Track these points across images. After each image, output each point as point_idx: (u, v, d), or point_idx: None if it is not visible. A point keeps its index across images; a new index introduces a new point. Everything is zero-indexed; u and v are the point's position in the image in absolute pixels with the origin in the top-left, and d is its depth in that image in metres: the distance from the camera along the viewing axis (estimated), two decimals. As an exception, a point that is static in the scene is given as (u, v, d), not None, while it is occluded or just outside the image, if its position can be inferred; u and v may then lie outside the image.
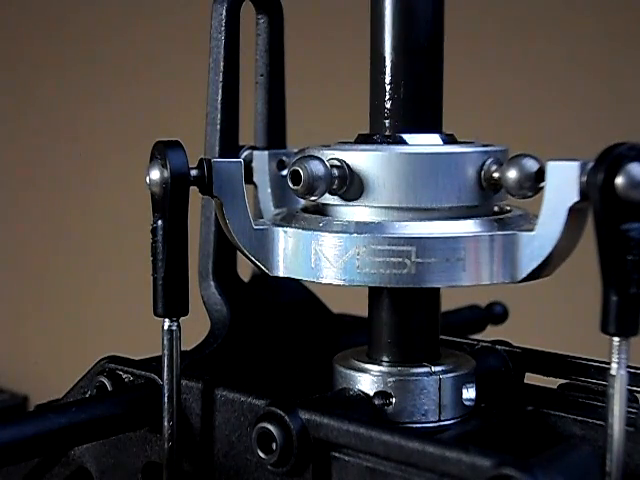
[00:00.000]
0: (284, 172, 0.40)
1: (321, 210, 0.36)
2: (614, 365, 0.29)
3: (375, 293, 0.36)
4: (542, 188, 0.32)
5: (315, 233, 0.33)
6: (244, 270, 0.41)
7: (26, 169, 1.34)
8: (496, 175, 0.33)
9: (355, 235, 0.32)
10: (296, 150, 0.39)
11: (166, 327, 0.34)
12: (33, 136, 1.33)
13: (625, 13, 0.85)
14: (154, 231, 0.33)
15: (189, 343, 0.39)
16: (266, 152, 0.41)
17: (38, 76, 1.31)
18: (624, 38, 0.85)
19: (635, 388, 0.35)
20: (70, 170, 1.29)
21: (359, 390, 0.35)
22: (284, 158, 0.41)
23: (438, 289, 0.36)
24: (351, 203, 0.34)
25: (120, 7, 1.21)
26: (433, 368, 0.35)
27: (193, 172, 0.33)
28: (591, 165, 0.30)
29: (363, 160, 0.33)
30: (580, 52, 0.87)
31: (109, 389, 0.37)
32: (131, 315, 0.93)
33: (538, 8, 0.89)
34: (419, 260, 0.32)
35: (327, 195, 0.34)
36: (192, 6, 0.78)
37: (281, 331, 0.42)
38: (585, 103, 0.84)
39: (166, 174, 0.33)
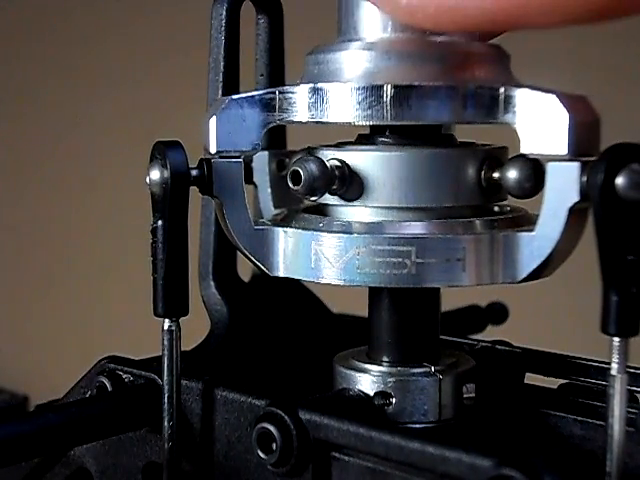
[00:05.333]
0: (284, 172, 0.40)
1: (321, 210, 0.36)
2: (614, 365, 0.29)
3: (375, 293, 0.36)
4: (542, 188, 0.32)
5: (315, 233, 0.33)
6: (244, 270, 0.41)
7: (26, 169, 1.34)
8: (496, 175, 0.33)
9: (355, 235, 0.32)
10: (296, 150, 0.39)
11: (166, 327, 0.34)
12: (32, 136, 1.33)
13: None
14: (154, 231, 0.33)
15: (189, 343, 0.39)
16: (266, 152, 0.41)
17: (37, 76, 1.31)
18: (625, 38, 0.85)
19: (635, 388, 0.35)
20: (70, 170, 1.29)
21: (359, 390, 0.35)
22: (284, 158, 0.41)
23: (438, 289, 0.36)
24: (351, 203, 0.34)
25: (120, 7, 1.21)
26: (433, 368, 0.35)
27: (193, 172, 0.33)
28: (591, 165, 0.30)
29: (363, 160, 0.33)
30: (580, 52, 0.87)
31: (109, 389, 0.37)
32: (131, 315, 0.93)
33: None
34: (419, 260, 0.32)
35: (327, 195, 0.34)
36: (192, 6, 0.78)
37: (281, 331, 0.42)
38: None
39: (166, 174, 0.33)
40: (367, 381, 0.35)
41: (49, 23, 1.29)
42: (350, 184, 0.33)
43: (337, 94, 0.33)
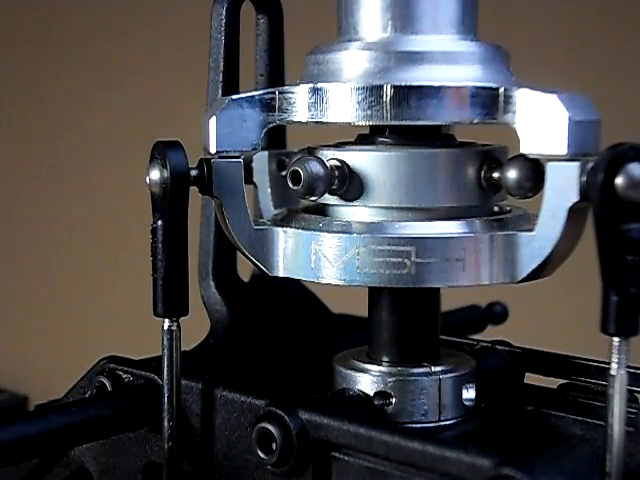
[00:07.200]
0: (284, 172, 0.40)
1: (321, 210, 0.36)
2: (614, 365, 0.29)
3: (375, 293, 0.36)
4: (542, 188, 0.32)
5: (315, 233, 0.33)
6: (244, 270, 0.41)
7: (26, 169, 1.34)
8: (496, 175, 0.33)
9: (355, 235, 0.32)
10: (296, 150, 0.39)
11: (166, 327, 0.34)
12: (32, 137, 1.33)
13: (626, 11, 0.85)
14: (154, 231, 0.33)
15: (189, 343, 0.39)
16: (266, 152, 0.41)
17: (37, 76, 1.31)
18: (625, 36, 0.85)
19: (635, 388, 0.35)
20: (70, 170, 1.29)
21: (359, 390, 0.35)
22: (284, 158, 0.41)
23: (438, 289, 0.36)
24: (351, 203, 0.34)
25: (120, 7, 1.21)
26: (433, 368, 0.35)
27: (193, 172, 0.33)
28: (591, 165, 0.30)
29: (363, 160, 0.33)
30: (580, 51, 0.87)
31: (109, 389, 0.37)
32: (131, 315, 0.93)
33: (538, 4, 0.89)
34: (419, 260, 0.32)
35: (327, 195, 0.34)
36: (192, 6, 0.78)
37: (281, 331, 0.42)
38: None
39: (166, 174, 0.33)
40: (367, 381, 0.35)
41: (49, 23, 1.29)
42: (350, 184, 0.33)
43: (337, 94, 0.33)
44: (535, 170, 0.32)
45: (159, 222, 0.33)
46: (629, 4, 0.85)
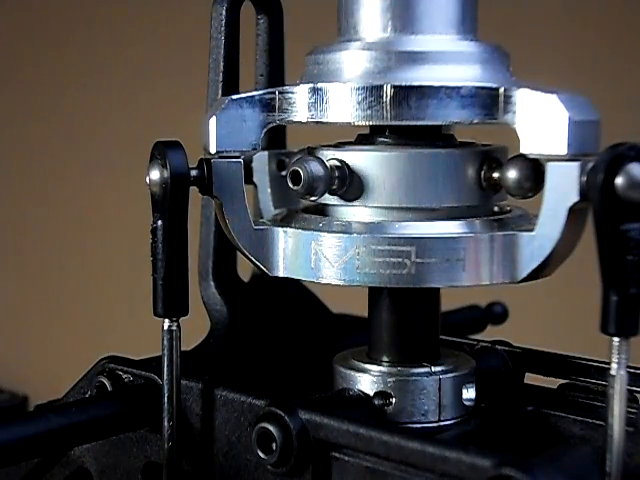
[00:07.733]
0: (284, 172, 0.40)
1: (321, 210, 0.36)
2: (614, 365, 0.29)
3: (375, 293, 0.36)
4: (542, 188, 0.32)
5: (315, 233, 0.33)
6: (244, 270, 0.41)
7: (26, 170, 1.34)
8: (496, 175, 0.33)
9: (355, 235, 0.33)
10: (296, 150, 0.39)
11: (166, 327, 0.34)
12: (32, 137, 1.33)
13: (627, 12, 0.85)
14: (154, 231, 0.33)
15: (189, 343, 0.39)
16: (266, 152, 0.41)
17: (37, 77, 1.31)
18: (625, 38, 0.85)
19: (635, 388, 0.35)
20: (70, 170, 1.29)
21: (359, 390, 0.35)
22: (284, 158, 0.41)
23: (438, 289, 0.36)
24: (351, 203, 0.34)
25: (120, 7, 1.21)
26: (433, 368, 0.35)
27: (193, 172, 0.33)
28: (591, 165, 0.30)
29: (363, 160, 0.33)
30: (580, 52, 0.87)
31: (109, 389, 0.37)
32: (131, 315, 0.93)
33: (539, 8, 0.89)
34: (419, 260, 0.32)
35: (327, 195, 0.34)
36: (192, 6, 0.78)
37: (281, 331, 0.42)
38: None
39: (166, 174, 0.33)
40: (367, 381, 0.35)
41: (50, 24, 1.29)
42: (350, 184, 0.33)
43: (337, 94, 0.33)
44: (535, 170, 0.32)
45: (159, 222, 0.33)
46: (629, 4, 0.85)
